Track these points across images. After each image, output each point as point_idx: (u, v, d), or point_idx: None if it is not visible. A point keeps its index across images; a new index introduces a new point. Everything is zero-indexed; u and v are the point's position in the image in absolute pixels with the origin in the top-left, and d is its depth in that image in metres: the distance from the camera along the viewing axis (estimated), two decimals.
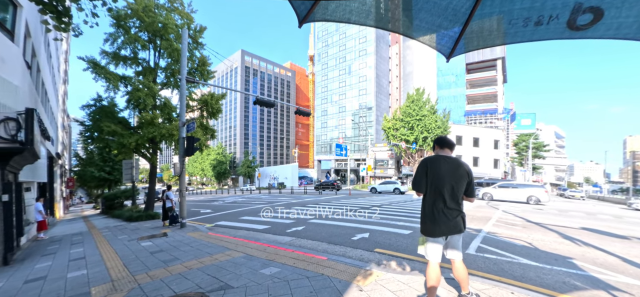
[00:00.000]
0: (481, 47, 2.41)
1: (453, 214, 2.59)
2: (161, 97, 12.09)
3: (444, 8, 2.08)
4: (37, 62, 9.45)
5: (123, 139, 10.82)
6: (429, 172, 2.63)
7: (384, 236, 6.95)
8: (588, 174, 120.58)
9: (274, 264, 4.53)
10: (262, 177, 56.30)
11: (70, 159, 32.10)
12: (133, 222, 11.03)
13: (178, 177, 9.20)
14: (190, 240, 6.85)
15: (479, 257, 5.08)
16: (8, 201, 6.02)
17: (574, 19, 1.85)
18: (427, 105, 34.87)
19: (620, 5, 1.69)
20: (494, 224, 8.92)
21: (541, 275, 4.20)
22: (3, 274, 5.17)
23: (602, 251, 5.73)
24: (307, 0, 2.02)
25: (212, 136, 13.62)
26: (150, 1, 11.40)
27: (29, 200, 10.32)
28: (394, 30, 2.42)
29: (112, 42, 11.58)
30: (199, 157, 71.85)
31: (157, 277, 4.20)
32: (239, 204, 17.49)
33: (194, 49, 12.71)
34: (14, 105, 5.95)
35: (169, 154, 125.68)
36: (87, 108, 11.75)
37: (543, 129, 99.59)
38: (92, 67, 10.88)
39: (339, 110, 71.28)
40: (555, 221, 9.79)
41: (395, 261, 4.84)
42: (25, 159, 6.70)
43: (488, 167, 42.38)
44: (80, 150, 27.15)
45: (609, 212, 14.50)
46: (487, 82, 59.88)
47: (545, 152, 48.36)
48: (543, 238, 6.82)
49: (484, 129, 44.64)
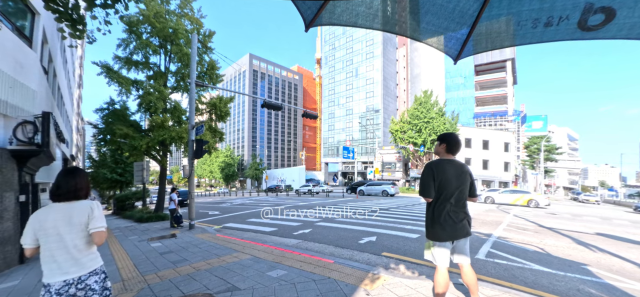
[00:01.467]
0: (489, 49, 2.38)
1: (459, 217, 2.57)
2: (171, 101, 12.35)
3: (451, 10, 2.07)
4: (53, 67, 9.79)
5: (134, 141, 11.07)
6: (436, 177, 2.60)
7: (391, 239, 6.89)
8: (603, 178, 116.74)
9: (281, 266, 4.55)
10: (269, 180, 56.60)
11: (84, 160, 33.02)
12: (143, 223, 11.24)
13: (187, 179, 9.35)
14: (198, 241, 6.93)
15: (489, 263, 4.98)
16: (25, 201, 6.23)
17: (585, 20, 1.82)
18: (435, 107, 34.51)
19: (633, 5, 1.66)
20: (505, 228, 8.73)
21: (554, 282, 4.09)
22: (19, 273, 5.34)
23: (618, 257, 5.53)
24: (314, 2, 2.04)
25: (220, 139, 13.81)
26: (161, 7, 11.69)
27: (45, 200, 10.65)
28: (401, 33, 2.42)
29: (124, 47, 11.91)
30: (207, 160, 72.81)
31: (166, 278, 4.27)
32: (247, 206, 17.62)
33: (203, 53, 12.94)
34: (32, 108, 6.17)
35: (179, 156, 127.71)
36: (101, 111, 12.08)
37: (555, 132, 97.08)
38: (106, 72, 11.21)
39: (346, 113, 71.22)
40: (568, 226, 9.51)
41: (404, 265, 4.79)
42: (41, 160, 6.93)
43: (498, 170, 41.57)
44: (94, 152, 27.89)
45: (626, 217, 13.98)
46: (496, 84, 58.82)
47: (557, 155, 47.10)
48: (556, 243, 6.63)
49: (494, 131, 43.84)
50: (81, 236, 1.84)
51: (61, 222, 1.79)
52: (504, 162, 42.12)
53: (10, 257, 5.71)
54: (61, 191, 1.86)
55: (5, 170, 5.61)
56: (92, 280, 1.87)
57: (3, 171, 5.55)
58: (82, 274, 1.82)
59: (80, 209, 1.86)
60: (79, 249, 1.83)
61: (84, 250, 1.85)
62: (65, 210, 1.83)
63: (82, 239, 1.84)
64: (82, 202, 1.91)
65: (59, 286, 1.75)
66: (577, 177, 73.52)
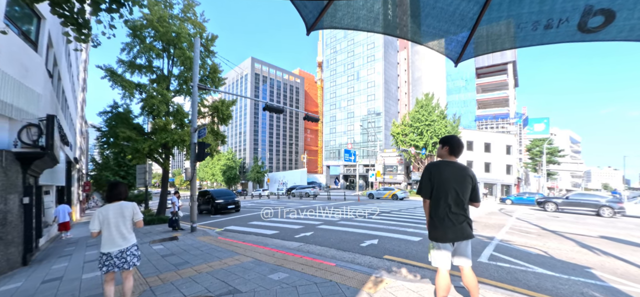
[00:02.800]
0: (490, 52, 2.40)
1: (459, 219, 2.56)
2: (174, 104, 12.44)
3: (451, 14, 2.09)
4: (58, 71, 9.89)
5: (137, 144, 11.15)
6: (433, 177, 2.63)
7: (393, 242, 6.86)
8: (606, 180, 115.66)
9: (282, 269, 4.55)
10: (271, 183, 56.59)
11: (87, 163, 33.19)
12: (145, 226, 11.27)
13: (189, 181, 9.37)
14: (200, 244, 6.94)
15: (492, 266, 4.95)
16: (28, 203, 6.28)
17: (584, 22, 1.83)
18: (437, 110, 34.47)
19: (633, 6, 1.67)
20: (508, 231, 8.67)
21: (558, 285, 4.06)
22: (22, 274, 5.37)
23: (622, 260, 5.48)
24: (316, 6, 2.07)
25: (222, 142, 13.87)
26: (165, 12, 11.82)
27: (48, 203, 10.71)
28: (402, 37, 2.43)
29: (128, 51, 12.04)
30: (209, 163, 72.99)
31: (168, 281, 4.28)
32: (249, 209, 17.62)
33: (206, 57, 13.05)
34: (37, 112, 6.24)
35: (181, 159, 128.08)
36: (104, 114, 12.19)
37: (557, 134, 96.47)
38: (110, 76, 11.32)
39: (348, 116, 71.22)
40: (571, 229, 9.44)
41: (406, 268, 4.77)
42: (45, 163, 6.99)
43: (500, 172, 41.34)
44: (97, 155, 28.06)
45: (630, 220, 13.84)
46: (497, 87, 58.66)
47: (560, 158, 46.86)
48: (559, 246, 6.58)
49: (496, 134, 43.67)
50: (128, 224, 3.16)
51: (117, 215, 3.08)
52: (506, 165, 41.88)
53: (13, 259, 5.74)
54: (112, 195, 3.14)
55: (10, 172, 5.66)
56: (133, 249, 3.19)
57: (8, 173, 5.60)
58: (128, 245, 3.13)
59: (127, 207, 3.17)
60: (128, 231, 3.15)
61: (129, 232, 3.16)
62: (117, 208, 3.11)
63: (128, 226, 3.16)
64: (127, 203, 3.19)
65: (116, 253, 3.05)
66: (580, 180, 73.00)
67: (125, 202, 3.16)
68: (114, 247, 3.02)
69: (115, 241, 3.02)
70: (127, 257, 3.10)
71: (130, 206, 3.18)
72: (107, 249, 3.00)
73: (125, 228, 3.10)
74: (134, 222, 3.20)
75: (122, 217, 3.08)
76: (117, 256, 3.04)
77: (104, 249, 3.01)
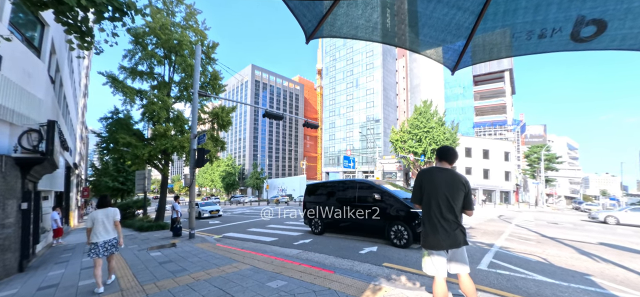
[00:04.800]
0: (486, 60, 2.45)
1: (451, 227, 2.54)
2: (174, 110, 12.48)
3: (448, 23, 2.14)
4: (60, 77, 9.95)
5: (137, 150, 11.15)
6: (424, 183, 2.66)
7: (392, 250, 6.83)
8: (604, 187, 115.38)
9: (281, 277, 4.52)
10: (270, 189, 56.34)
11: (86, 169, 33.07)
12: (144, 232, 11.18)
13: (188, 187, 9.35)
14: (198, 251, 6.89)
15: (492, 273, 4.93)
16: (26, 209, 6.25)
17: (577, 31, 1.88)
18: (435, 117, 34.59)
19: (623, 17, 1.71)
20: (507, 238, 8.65)
21: (557, 292, 4.04)
22: (18, 281, 5.32)
23: (622, 267, 5.47)
24: (315, 16, 2.11)
25: (222, 148, 13.88)
26: (167, 19, 11.96)
27: (46, 208, 10.64)
28: (400, 45, 2.48)
29: (130, 58, 12.14)
30: (208, 169, 72.75)
31: (165, 288, 4.25)
32: (247, 216, 17.53)
33: (207, 64, 13.15)
34: (38, 117, 6.26)
35: (180, 165, 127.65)
36: (105, 120, 12.22)
37: (555, 141, 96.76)
38: (111, 82, 11.39)
39: (347, 122, 71.46)
40: (571, 236, 9.42)
41: (405, 276, 4.74)
42: (44, 168, 6.99)
43: (499, 179, 41.36)
44: (96, 160, 27.98)
45: (629, 227, 13.81)
46: (495, 94, 59.14)
47: (558, 164, 46.85)
48: (559, 253, 6.56)
49: (494, 140, 43.84)
50: (111, 223, 4.41)
51: (104, 216, 4.35)
52: (505, 171, 41.94)
53: (9, 265, 5.69)
54: (102, 204, 4.47)
55: (9, 177, 5.65)
56: (113, 241, 4.43)
57: (6, 178, 5.59)
58: (110, 237, 4.37)
59: (112, 211, 4.45)
60: (111, 227, 4.41)
61: (112, 228, 4.43)
62: (105, 212, 4.39)
63: (111, 224, 4.41)
64: (111, 208, 4.48)
65: (101, 243, 4.26)
66: (578, 187, 72.82)
67: (110, 208, 4.47)
68: (100, 238, 4.24)
69: (101, 234, 4.26)
70: (109, 247, 4.35)
71: (113, 210, 4.46)
72: (95, 239, 4.22)
73: (109, 225, 4.36)
74: (114, 221, 4.44)
75: (107, 217, 4.36)
76: (102, 245, 4.26)
77: (93, 240, 4.22)
